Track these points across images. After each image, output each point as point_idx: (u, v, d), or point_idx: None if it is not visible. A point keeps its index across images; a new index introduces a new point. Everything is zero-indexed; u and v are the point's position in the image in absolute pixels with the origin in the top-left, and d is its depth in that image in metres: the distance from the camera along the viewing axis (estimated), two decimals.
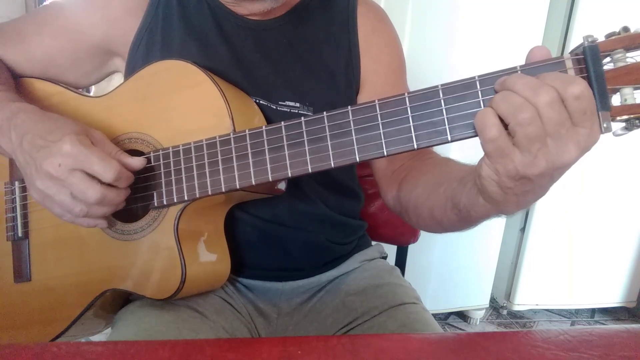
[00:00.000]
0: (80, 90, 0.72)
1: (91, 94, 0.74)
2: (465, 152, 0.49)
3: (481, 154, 0.44)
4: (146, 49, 0.69)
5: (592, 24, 1.58)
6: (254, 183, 0.53)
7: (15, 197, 0.68)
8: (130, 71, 0.70)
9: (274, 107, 0.68)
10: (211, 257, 0.65)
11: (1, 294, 0.68)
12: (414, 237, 1.04)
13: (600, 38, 0.42)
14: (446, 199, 0.54)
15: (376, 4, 0.79)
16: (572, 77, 0.40)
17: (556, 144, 0.39)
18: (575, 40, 1.61)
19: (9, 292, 0.67)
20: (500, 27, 1.54)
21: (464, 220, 0.53)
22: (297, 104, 0.69)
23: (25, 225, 0.67)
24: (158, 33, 0.69)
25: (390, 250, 0.95)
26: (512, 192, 0.43)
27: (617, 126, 0.43)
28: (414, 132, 0.46)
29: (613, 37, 0.42)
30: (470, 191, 0.48)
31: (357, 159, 0.49)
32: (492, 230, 1.75)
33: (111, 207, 0.56)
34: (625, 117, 0.42)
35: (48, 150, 0.52)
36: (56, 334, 0.64)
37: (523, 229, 1.85)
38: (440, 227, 0.58)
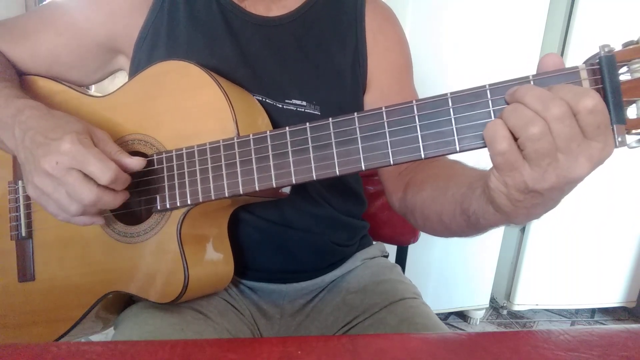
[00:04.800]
0: (84, 88, 0.72)
1: (92, 92, 0.73)
2: (469, 153, 0.48)
3: (486, 155, 0.43)
4: (151, 45, 0.69)
5: (592, 25, 1.59)
6: (257, 189, 0.52)
7: (18, 197, 0.68)
8: (134, 67, 0.70)
9: (280, 106, 0.68)
10: (214, 260, 0.65)
11: (5, 293, 0.68)
12: (414, 237, 1.04)
13: (617, 47, 0.40)
14: (455, 204, 0.53)
15: (384, 2, 0.79)
16: (585, 89, 0.38)
17: (567, 159, 0.38)
18: (575, 42, 1.61)
19: (14, 292, 0.67)
20: (499, 27, 1.54)
21: (472, 226, 0.52)
22: (304, 103, 0.68)
23: (29, 224, 0.67)
24: (163, 28, 0.68)
25: (391, 250, 0.95)
26: (521, 204, 0.42)
27: (631, 139, 0.41)
28: (422, 141, 0.45)
29: (631, 47, 0.40)
30: (479, 198, 0.48)
31: (363, 168, 0.47)
32: (492, 231, 1.75)
33: (108, 208, 0.55)
34: None
35: (47, 147, 0.51)
36: (59, 335, 0.65)
37: (523, 229, 1.85)
38: (449, 231, 0.58)
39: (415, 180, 0.65)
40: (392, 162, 0.46)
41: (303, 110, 0.68)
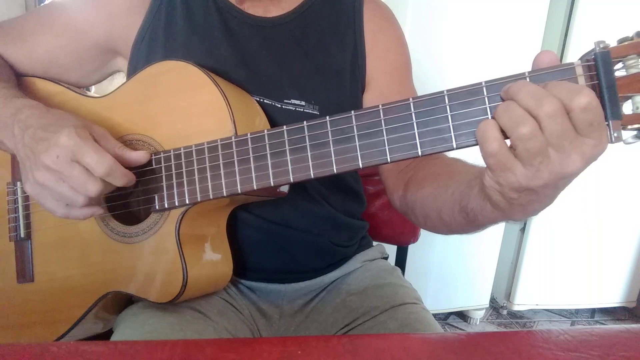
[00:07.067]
0: (82, 89, 0.72)
1: (91, 92, 0.73)
2: (469, 150, 0.49)
3: None
4: (149, 46, 0.69)
5: (592, 24, 1.59)
6: (255, 188, 0.53)
7: (17, 198, 0.68)
8: (132, 69, 0.70)
9: (279, 106, 0.68)
10: (213, 260, 0.64)
11: (5, 294, 0.68)
12: (414, 237, 1.04)
13: (613, 43, 0.40)
14: (454, 201, 0.53)
15: (383, 2, 0.79)
16: (579, 86, 0.38)
17: (559, 156, 0.38)
18: (575, 41, 1.61)
19: (13, 293, 0.67)
20: (499, 27, 1.54)
21: (471, 223, 0.52)
22: (303, 103, 0.68)
23: (28, 225, 0.67)
24: (161, 29, 0.68)
25: (391, 250, 0.95)
26: (516, 202, 0.43)
27: (627, 134, 0.41)
28: (419, 138, 0.45)
29: (626, 43, 0.40)
30: (477, 196, 0.48)
31: (360, 165, 0.48)
32: (492, 230, 1.74)
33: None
34: (636, 125, 0.40)
35: (47, 142, 0.51)
36: (59, 335, 0.64)
37: (523, 229, 1.85)
38: (448, 229, 0.58)
39: (416, 179, 0.65)
40: (389, 160, 0.47)
41: (302, 110, 0.68)
